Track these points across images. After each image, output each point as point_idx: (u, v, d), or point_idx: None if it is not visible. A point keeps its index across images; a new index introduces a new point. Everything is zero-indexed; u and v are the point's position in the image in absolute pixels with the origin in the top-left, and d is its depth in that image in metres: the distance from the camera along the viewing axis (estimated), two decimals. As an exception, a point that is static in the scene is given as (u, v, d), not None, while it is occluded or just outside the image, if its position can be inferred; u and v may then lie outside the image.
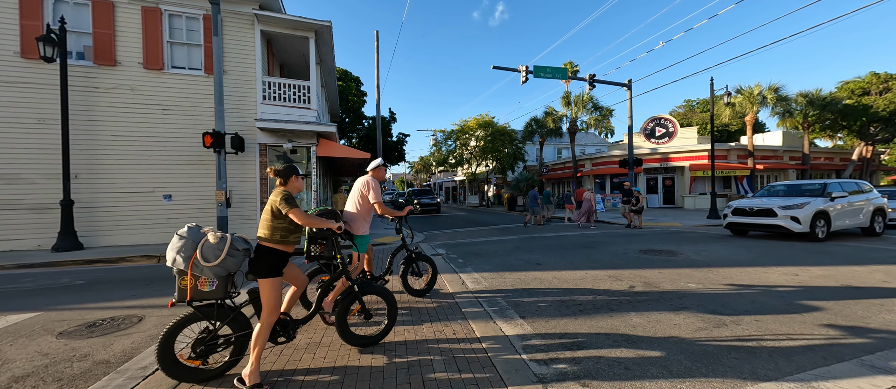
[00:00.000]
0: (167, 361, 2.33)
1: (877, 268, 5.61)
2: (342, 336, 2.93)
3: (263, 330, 2.40)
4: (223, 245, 2.30)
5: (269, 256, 2.44)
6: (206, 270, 2.26)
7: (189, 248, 2.26)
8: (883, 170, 27.68)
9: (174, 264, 2.26)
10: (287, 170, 2.55)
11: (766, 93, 20.02)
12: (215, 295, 2.34)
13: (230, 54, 9.81)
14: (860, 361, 2.64)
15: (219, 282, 2.33)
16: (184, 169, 9.57)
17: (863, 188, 9.68)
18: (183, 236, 2.28)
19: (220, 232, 2.36)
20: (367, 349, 2.98)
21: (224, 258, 2.28)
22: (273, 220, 2.45)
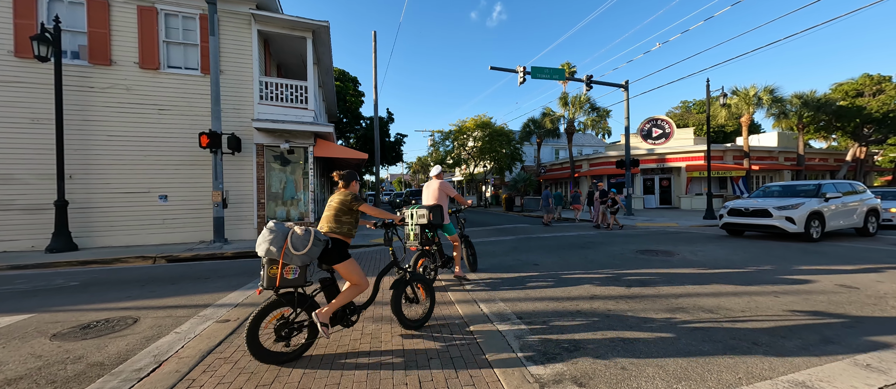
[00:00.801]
0: (255, 345, 2.58)
1: (871, 268, 5.66)
2: (396, 316, 3.29)
3: (351, 291, 2.90)
4: (309, 236, 2.65)
5: (341, 246, 2.90)
6: (295, 258, 2.59)
7: (280, 240, 2.57)
8: (876, 171, 27.98)
9: (267, 254, 2.56)
10: (349, 175, 3.11)
11: (761, 94, 20.19)
12: (297, 282, 2.65)
13: (227, 54, 9.77)
14: (854, 360, 2.66)
15: (300, 271, 2.65)
16: (180, 169, 9.51)
17: (856, 189, 9.76)
18: (273, 230, 2.60)
19: (303, 226, 2.72)
20: (372, 359, 2.97)
21: (310, 247, 2.63)
22: (343, 216, 2.96)
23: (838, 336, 3.12)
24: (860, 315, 3.63)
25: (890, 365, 2.58)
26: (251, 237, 9.97)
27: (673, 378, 2.47)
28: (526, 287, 4.87)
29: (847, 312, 3.71)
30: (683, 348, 2.92)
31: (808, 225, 8.33)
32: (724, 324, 3.40)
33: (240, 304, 4.29)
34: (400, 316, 3.30)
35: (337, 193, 3.08)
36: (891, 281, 4.90)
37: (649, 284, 4.87)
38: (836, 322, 3.45)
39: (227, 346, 3.09)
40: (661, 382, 2.42)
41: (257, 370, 2.65)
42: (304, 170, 10.73)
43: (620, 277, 5.29)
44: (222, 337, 3.27)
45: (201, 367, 2.71)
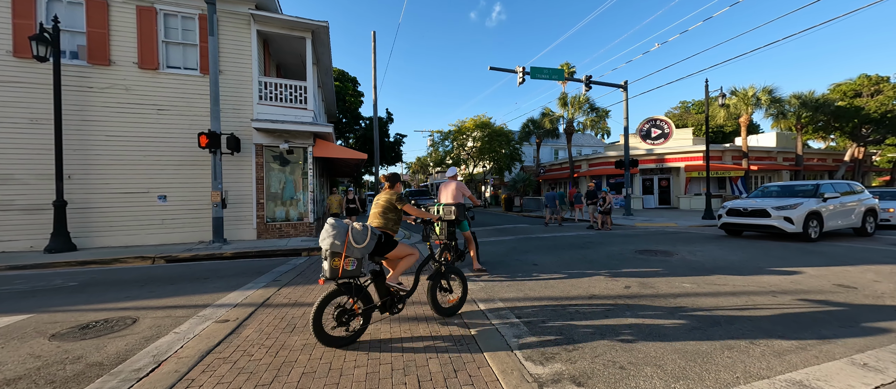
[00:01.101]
0: (319, 330, 2.91)
1: (868, 268, 5.69)
2: (432, 305, 3.63)
3: (408, 261, 3.43)
4: (367, 231, 3.03)
5: (390, 239, 3.33)
6: (355, 251, 2.92)
7: (342, 235, 2.89)
8: (874, 171, 28.09)
9: (332, 247, 2.85)
10: (393, 177, 3.55)
11: (760, 94, 20.23)
12: (354, 273, 2.94)
13: (226, 54, 9.76)
14: (851, 359, 2.67)
15: (357, 263, 2.95)
16: (179, 169, 9.50)
17: (854, 189, 9.79)
18: (335, 226, 2.89)
19: (361, 223, 3.11)
20: (372, 359, 2.97)
21: (368, 241, 3.00)
22: (389, 213, 3.40)
23: (836, 335, 3.14)
24: (857, 315, 3.64)
25: (887, 365, 2.59)
26: (250, 237, 9.96)
27: (671, 377, 2.48)
28: (525, 287, 4.88)
29: (844, 313, 3.72)
30: (681, 348, 2.93)
31: (807, 225, 8.36)
32: (722, 324, 3.42)
33: (239, 304, 4.29)
34: (435, 304, 3.63)
35: (383, 193, 3.52)
36: (888, 280, 4.92)
37: (648, 284, 4.88)
38: (834, 321, 3.46)
39: (226, 346, 3.09)
40: (660, 381, 2.43)
41: (256, 370, 2.66)
42: (304, 171, 10.73)
43: (619, 277, 5.30)
44: (221, 337, 3.27)
45: (200, 367, 2.71)
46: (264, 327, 3.54)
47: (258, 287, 5.11)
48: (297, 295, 4.68)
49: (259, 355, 2.92)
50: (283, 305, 4.25)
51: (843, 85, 24.12)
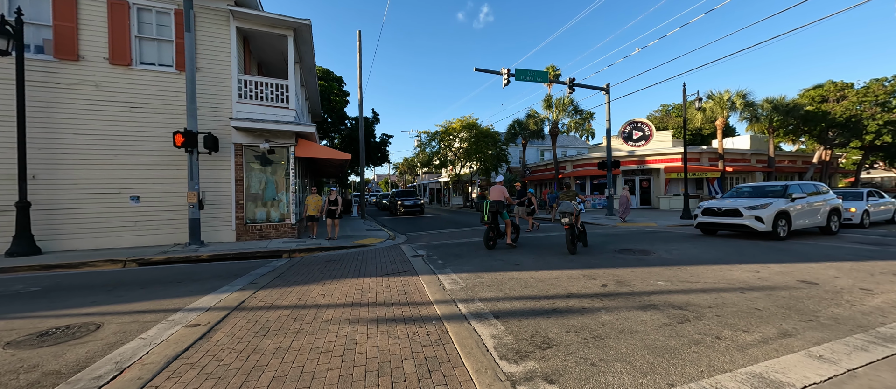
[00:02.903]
0: (486, 246, 8.07)
1: (830, 265, 5.97)
2: (494, 242, 8.25)
3: (510, 224, 8.49)
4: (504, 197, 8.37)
5: (509, 205, 8.47)
6: (499, 207, 8.33)
7: (499, 195, 8.28)
8: (841, 173, 29.56)
9: (495, 206, 8.23)
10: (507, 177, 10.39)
11: (734, 98, 21.01)
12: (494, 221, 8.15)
13: (203, 51, 9.50)
14: (808, 352, 2.80)
15: (494, 216, 8.28)
16: (153, 169, 9.18)
17: (820, 190, 10.26)
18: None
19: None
20: (346, 361, 2.93)
21: (505, 202, 8.40)
22: (507, 195, 8.39)
23: (796, 329, 3.28)
24: (817, 309, 3.82)
25: (840, 356, 2.73)
26: (229, 239, 9.71)
27: (639, 372, 2.54)
28: (505, 287, 4.92)
29: (806, 307, 3.89)
30: (652, 344, 3.00)
31: (776, 224, 8.72)
32: (691, 320, 3.52)
33: (212, 308, 4.17)
34: (493, 241, 8.24)
35: (499, 185, 8.43)
36: (848, 276, 5.18)
37: (624, 283, 5.00)
38: (796, 316, 3.62)
39: (195, 351, 3.00)
40: (628, 377, 2.48)
41: (225, 375, 2.59)
42: (286, 171, 10.53)
43: (597, 276, 5.41)
44: (190, 342, 3.17)
45: (166, 373, 2.62)
46: (237, 331, 3.45)
47: (233, 290, 4.98)
48: (274, 297, 4.59)
49: (229, 359, 2.84)
50: (259, 308, 4.15)
51: (811, 90, 25.27)
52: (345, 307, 4.14)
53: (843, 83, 24.42)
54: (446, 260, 6.99)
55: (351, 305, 4.21)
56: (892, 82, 22.99)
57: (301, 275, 5.86)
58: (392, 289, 4.88)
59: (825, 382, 2.36)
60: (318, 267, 6.52)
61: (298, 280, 5.54)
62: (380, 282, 5.29)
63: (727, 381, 2.40)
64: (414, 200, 24.14)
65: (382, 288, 4.92)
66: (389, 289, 4.88)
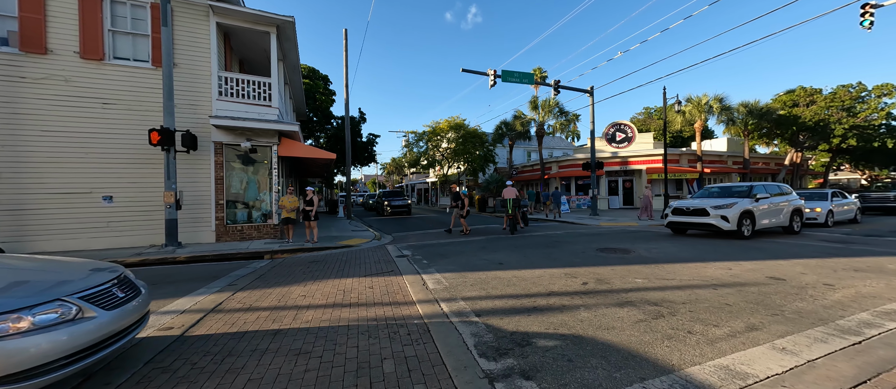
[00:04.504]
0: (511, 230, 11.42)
1: (797, 262, 6.26)
2: (513, 230, 11.44)
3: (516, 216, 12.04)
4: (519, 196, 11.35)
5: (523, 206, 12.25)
6: (515, 205, 11.63)
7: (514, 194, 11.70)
8: (811, 174, 30.93)
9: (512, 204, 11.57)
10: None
11: (712, 102, 21.77)
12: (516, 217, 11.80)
13: (181, 47, 9.22)
14: (772, 345, 2.93)
15: (519, 213, 12.25)
16: (127, 168, 8.85)
17: (784, 190, 10.63)
18: None
19: None
20: (324, 362, 2.90)
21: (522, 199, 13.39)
22: (520, 196, 11.66)
23: (763, 323, 3.42)
24: (783, 304, 3.99)
25: (802, 348, 2.86)
26: (208, 240, 9.45)
27: (613, 367, 2.61)
28: (488, 286, 4.96)
29: (773, 302, 4.07)
30: (627, 339, 3.08)
31: (741, 223, 8.99)
32: (665, 316, 3.63)
33: (187, 311, 4.06)
34: (515, 229, 11.46)
35: (513, 187, 11.62)
36: (813, 273, 5.43)
37: (604, 280, 5.11)
38: (763, 311, 3.78)
39: (167, 355, 2.91)
40: (603, 371, 2.55)
41: (196, 379, 2.52)
42: (269, 170, 10.32)
43: (578, 275, 5.51)
44: (164, 346, 3.07)
45: (136, 377, 2.54)
46: (212, 333, 3.37)
47: (211, 292, 4.85)
48: (253, 299, 4.50)
49: (202, 363, 2.77)
50: (236, 310, 4.06)
51: (783, 95, 26.41)
52: (326, 308, 4.09)
53: (813, 89, 25.61)
54: (431, 260, 6.99)
55: (332, 306, 4.16)
56: (856, 89, 24.25)
57: (282, 277, 5.76)
58: (375, 290, 4.85)
59: (786, 373, 2.48)
60: (300, 269, 6.42)
61: (279, 281, 5.45)
62: (363, 283, 5.25)
63: (696, 374, 2.48)
64: (401, 200, 24.02)
65: (365, 289, 4.89)
66: (372, 290, 4.85)
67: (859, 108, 23.77)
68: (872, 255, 6.74)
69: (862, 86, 24.20)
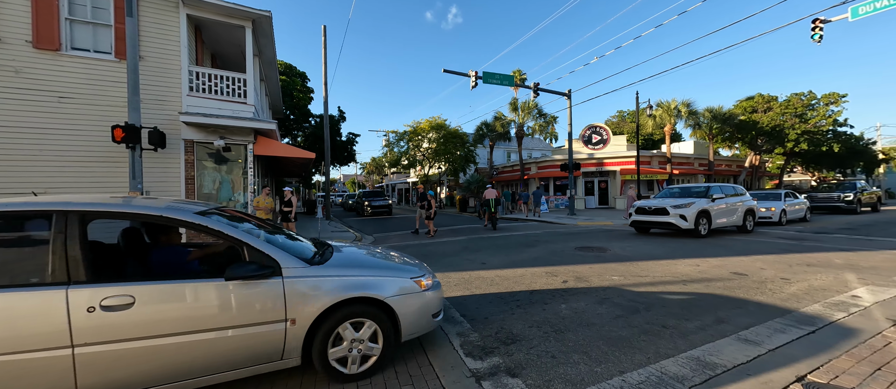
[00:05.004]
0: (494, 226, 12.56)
1: (757, 258, 6.71)
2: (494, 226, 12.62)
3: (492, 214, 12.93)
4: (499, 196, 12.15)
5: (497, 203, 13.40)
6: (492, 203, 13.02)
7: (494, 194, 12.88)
8: (768, 176, 33.14)
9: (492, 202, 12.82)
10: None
11: (680, 107, 22.93)
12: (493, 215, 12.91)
13: (148, 38, 8.72)
14: (737, 336, 3.13)
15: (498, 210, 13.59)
16: (87, 167, 8.27)
17: (738, 191, 11.24)
18: None
19: None
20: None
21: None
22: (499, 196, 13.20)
23: (729, 316, 3.66)
24: (746, 297, 4.28)
25: (763, 338, 3.08)
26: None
27: (594, 362, 2.71)
28: (472, 285, 5.01)
29: (737, 295, 4.35)
30: (606, 334, 3.21)
31: (698, 222, 9.46)
32: (641, 311, 3.81)
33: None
34: (495, 224, 12.62)
35: (493, 189, 12.64)
36: (771, 268, 5.85)
37: (583, 278, 5.28)
38: (728, 305, 4.03)
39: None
40: (584, 366, 2.64)
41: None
42: (244, 170, 9.94)
43: (558, 273, 5.66)
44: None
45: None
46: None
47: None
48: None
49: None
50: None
51: (744, 101, 28.14)
52: (308, 311, 4.00)
53: (770, 96, 27.46)
54: (414, 261, 6.97)
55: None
56: (807, 97, 26.22)
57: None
58: (358, 291, 4.78)
59: (751, 361, 2.66)
60: (279, 271, 6.22)
61: (257, 284, 5.26)
62: (345, 285, 5.16)
63: (670, 366, 2.63)
64: (382, 201, 23.78)
65: (348, 291, 4.81)
66: (355, 292, 4.78)
67: (810, 115, 25.70)
68: (822, 251, 7.33)
69: (812, 94, 26.19)
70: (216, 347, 2.13)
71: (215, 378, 2.18)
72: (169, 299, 2.09)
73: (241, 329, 2.18)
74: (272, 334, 2.25)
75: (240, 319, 2.18)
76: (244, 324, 2.19)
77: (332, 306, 2.41)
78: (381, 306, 2.57)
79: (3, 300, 1.85)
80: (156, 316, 2.04)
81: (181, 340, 2.06)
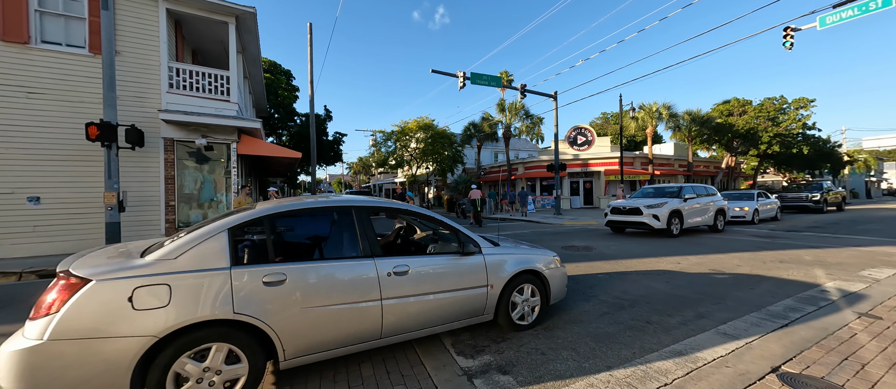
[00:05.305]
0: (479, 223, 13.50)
1: (734, 255, 6.99)
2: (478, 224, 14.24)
3: None
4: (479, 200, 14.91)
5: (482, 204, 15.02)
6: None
7: None
8: (743, 177, 34.53)
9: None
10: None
11: (661, 109, 23.64)
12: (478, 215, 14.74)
13: (125, 32, 8.40)
14: (717, 330, 3.27)
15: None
16: (59, 166, 7.90)
17: (709, 192, 11.53)
18: None
19: None
20: (289, 360, 2.79)
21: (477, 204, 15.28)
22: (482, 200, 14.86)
23: (709, 311, 3.81)
24: (725, 293, 4.46)
25: (741, 332, 3.22)
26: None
27: (582, 357, 2.78)
28: (461, 285, 5.03)
29: (717, 292, 4.53)
30: (593, 331, 3.30)
31: (670, 221, 9.67)
32: (626, 308, 3.92)
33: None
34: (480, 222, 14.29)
35: (478, 190, 14.31)
36: (747, 264, 6.11)
37: (570, 277, 5.38)
38: (708, 300, 4.19)
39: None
40: (573, 362, 2.71)
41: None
42: (227, 169, 9.68)
43: (546, 271, 5.75)
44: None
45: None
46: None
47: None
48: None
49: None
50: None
51: (721, 105, 29.24)
52: (296, 313, 3.94)
53: (744, 100, 28.61)
54: (403, 261, 6.96)
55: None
56: (779, 101, 27.45)
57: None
58: (347, 292, 4.74)
59: (729, 355, 2.78)
60: (264, 273, 6.10)
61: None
62: (334, 286, 5.10)
63: (654, 359, 2.72)
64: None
65: (337, 292, 4.76)
66: (344, 293, 4.73)
67: (781, 119, 26.92)
68: (793, 248, 7.70)
69: (783, 98, 27.43)
70: (451, 303, 2.94)
71: (447, 327, 3.00)
72: (428, 268, 2.90)
73: (464, 291, 3.01)
74: (480, 296, 3.10)
75: (464, 284, 3.02)
76: (465, 287, 3.03)
77: (513, 275, 3.27)
78: (538, 275, 3.48)
79: (343, 266, 2.59)
80: (422, 281, 2.82)
81: (434, 298, 2.85)
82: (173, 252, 2.17)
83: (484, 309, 3.14)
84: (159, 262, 2.11)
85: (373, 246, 2.75)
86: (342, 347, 2.50)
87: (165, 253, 2.16)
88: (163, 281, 2.05)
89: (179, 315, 2.01)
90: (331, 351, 2.47)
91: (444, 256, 3.02)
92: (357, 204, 2.88)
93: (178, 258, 2.15)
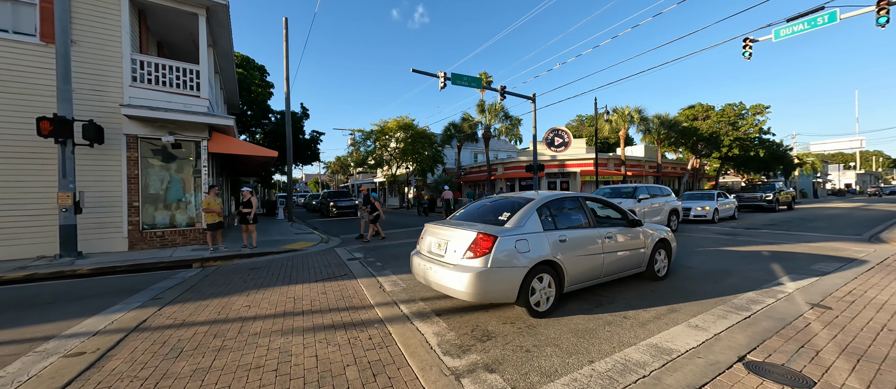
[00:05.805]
0: None
1: (699, 252, 7.40)
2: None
3: None
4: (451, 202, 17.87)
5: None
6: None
7: None
8: (707, 178, 36.63)
9: None
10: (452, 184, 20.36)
11: (633, 113, 24.66)
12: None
13: (82, 20, 7.82)
14: (688, 323, 3.45)
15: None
16: (6, 163, 7.25)
17: (664, 192, 11.94)
18: None
19: None
20: (281, 375, 2.70)
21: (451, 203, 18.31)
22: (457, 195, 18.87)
23: (681, 306, 4.01)
24: (694, 289, 4.71)
25: (710, 325, 3.42)
26: (120, 248, 8.14)
27: (566, 353, 2.86)
28: (445, 285, 5.04)
29: (686, 287, 4.78)
30: (574, 328, 3.40)
31: None
32: (605, 304, 4.07)
33: (101, 332, 3.48)
34: None
35: (449, 191, 17.06)
36: (712, 261, 6.48)
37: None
38: (679, 295, 4.42)
39: (82, 384, 2.48)
40: (557, 359, 2.78)
41: (127, 408, 2.20)
42: (196, 168, 9.22)
43: (528, 270, 5.86)
44: (73, 375, 2.62)
45: (40, 417, 2.13)
46: (139, 355, 2.95)
47: (130, 308, 4.22)
48: (186, 313, 4.01)
49: (131, 390, 2.42)
50: (167, 327, 3.59)
51: (687, 110, 30.90)
52: (276, 317, 3.82)
53: (708, 105, 30.37)
54: (385, 262, 6.88)
55: (283, 315, 3.90)
56: (739, 107, 29.33)
57: (219, 286, 5.22)
58: (329, 295, 4.64)
59: (700, 346, 2.95)
60: (240, 277, 5.86)
61: (216, 291, 4.92)
62: (315, 288, 4.99)
63: (632, 353, 2.84)
64: (347, 201, 23.14)
65: (318, 295, 4.66)
66: (326, 295, 4.64)
67: (740, 124, 28.78)
68: (753, 245, 8.25)
69: (743, 105, 29.33)
70: (630, 257, 4.62)
71: (624, 274, 4.62)
72: (621, 235, 4.55)
73: (635, 251, 4.68)
74: (640, 254, 4.74)
75: (635, 245, 4.69)
76: (636, 248, 4.70)
77: (658, 241, 5.00)
78: (665, 243, 5.15)
79: (588, 233, 4.23)
80: (619, 242, 4.49)
81: (623, 253, 4.51)
82: (519, 222, 3.76)
83: (641, 263, 4.78)
84: (518, 228, 3.70)
85: (597, 220, 4.44)
86: (587, 281, 4.12)
87: (516, 223, 3.75)
88: (524, 237, 3.64)
89: (533, 256, 3.59)
90: (581, 284, 4.06)
91: (625, 227, 4.68)
92: (585, 197, 4.63)
93: (523, 225, 3.74)
